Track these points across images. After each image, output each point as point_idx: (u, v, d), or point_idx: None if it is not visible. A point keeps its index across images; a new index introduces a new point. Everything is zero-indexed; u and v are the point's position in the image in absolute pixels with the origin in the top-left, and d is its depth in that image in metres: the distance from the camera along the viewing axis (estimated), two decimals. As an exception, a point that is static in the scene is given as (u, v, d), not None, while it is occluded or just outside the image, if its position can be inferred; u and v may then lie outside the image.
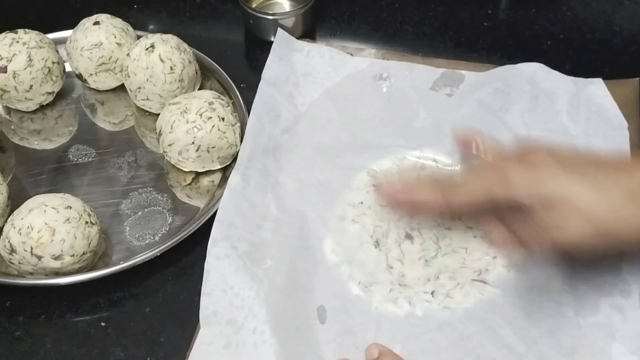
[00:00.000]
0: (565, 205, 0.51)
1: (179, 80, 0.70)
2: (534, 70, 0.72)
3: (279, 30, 0.77)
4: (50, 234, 0.58)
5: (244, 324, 0.56)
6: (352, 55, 0.76)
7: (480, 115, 0.70)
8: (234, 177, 0.64)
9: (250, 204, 0.63)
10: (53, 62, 0.72)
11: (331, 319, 0.58)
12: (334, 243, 0.63)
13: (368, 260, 0.62)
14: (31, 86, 0.71)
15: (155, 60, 0.69)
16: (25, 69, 0.70)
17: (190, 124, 0.65)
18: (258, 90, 0.71)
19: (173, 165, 0.68)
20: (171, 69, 0.69)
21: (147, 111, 0.73)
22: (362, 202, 0.65)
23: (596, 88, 0.71)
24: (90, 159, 0.70)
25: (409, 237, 0.63)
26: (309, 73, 0.75)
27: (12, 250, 0.58)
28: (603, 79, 0.73)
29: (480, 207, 0.56)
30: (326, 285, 0.60)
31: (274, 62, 0.74)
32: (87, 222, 0.59)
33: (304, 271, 0.61)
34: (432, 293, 0.59)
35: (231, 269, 0.59)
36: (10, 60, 0.69)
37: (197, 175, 0.68)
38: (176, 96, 0.70)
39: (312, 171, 0.67)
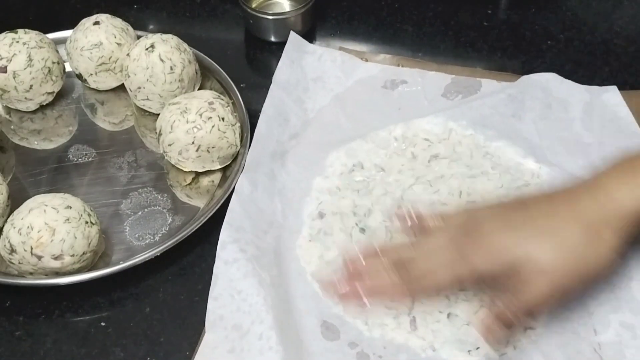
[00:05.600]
0: (527, 267, 0.51)
1: (179, 80, 0.70)
2: (547, 80, 0.72)
3: (292, 32, 0.76)
4: (50, 233, 0.58)
5: (250, 329, 0.56)
6: (366, 60, 0.76)
7: (491, 120, 0.69)
8: (242, 181, 0.64)
9: (258, 208, 0.63)
10: (53, 62, 0.72)
11: (336, 329, 0.57)
12: (322, 249, 0.61)
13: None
14: (31, 86, 0.71)
15: (155, 60, 0.69)
16: (25, 69, 0.70)
17: (190, 124, 0.65)
18: (269, 93, 0.71)
19: (173, 165, 0.68)
20: (171, 69, 0.69)
21: (147, 111, 0.73)
22: (339, 188, 0.65)
23: (611, 96, 0.70)
24: (90, 159, 0.70)
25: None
26: (320, 77, 0.74)
27: (12, 250, 0.58)
28: (603, 78, 0.73)
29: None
30: (326, 301, 0.59)
31: (285, 64, 0.73)
32: (87, 222, 0.59)
33: (306, 283, 0.60)
34: (448, 315, 0.58)
35: (240, 274, 0.58)
36: (10, 60, 0.69)
37: (197, 175, 0.68)
38: (176, 96, 0.70)
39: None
